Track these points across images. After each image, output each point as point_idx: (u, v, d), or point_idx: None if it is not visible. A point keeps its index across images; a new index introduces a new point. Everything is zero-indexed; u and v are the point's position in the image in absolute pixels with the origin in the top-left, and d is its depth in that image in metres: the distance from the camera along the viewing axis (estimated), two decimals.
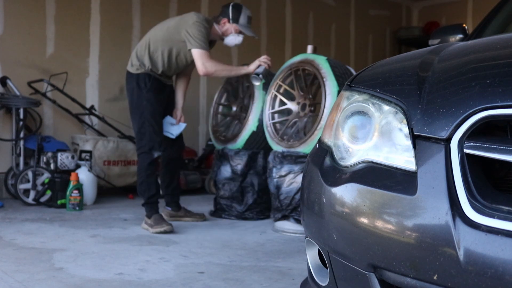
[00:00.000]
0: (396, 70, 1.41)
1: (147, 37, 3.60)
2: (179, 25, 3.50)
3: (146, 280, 2.28)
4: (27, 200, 4.35)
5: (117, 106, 5.42)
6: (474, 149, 1.04)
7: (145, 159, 3.48)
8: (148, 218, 3.44)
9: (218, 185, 4.07)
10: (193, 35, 3.42)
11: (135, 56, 3.57)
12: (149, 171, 3.49)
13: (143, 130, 3.49)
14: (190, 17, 3.50)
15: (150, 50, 3.52)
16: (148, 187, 3.48)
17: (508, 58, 1.18)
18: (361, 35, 8.20)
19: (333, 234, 1.24)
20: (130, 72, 3.57)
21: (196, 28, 3.43)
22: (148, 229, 3.38)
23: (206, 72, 3.49)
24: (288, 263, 2.64)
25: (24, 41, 4.90)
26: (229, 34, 3.66)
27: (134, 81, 3.52)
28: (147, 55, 3.51)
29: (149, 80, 3.51)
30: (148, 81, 3.50)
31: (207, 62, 3.45)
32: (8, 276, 2.28)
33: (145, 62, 3.51)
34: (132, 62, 3.58)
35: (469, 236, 0.98)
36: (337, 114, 1.40)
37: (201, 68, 3.46)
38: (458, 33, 2.25)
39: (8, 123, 4.74)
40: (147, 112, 3.48)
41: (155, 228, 3.34)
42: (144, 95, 3.49)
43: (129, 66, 3.60)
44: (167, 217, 3.67)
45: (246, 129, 3.91)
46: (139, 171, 3.52)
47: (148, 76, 3.51)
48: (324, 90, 3.37)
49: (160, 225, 3.35)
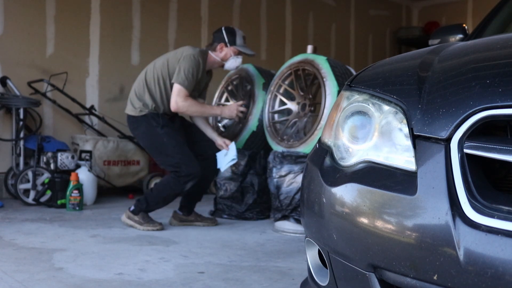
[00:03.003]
0: (396, 70, 1.41)
1: (143, 75, 3.54)
2: (174, 59, 3.46)
3: (146, 280, 2.28)
4: (27, 200, 4.35)
5: (117, 106, 5.42)
6: (474, 149, 1.04)
7: (178, 186, 3.40)
8: (135, 214, 3.42)
9: (218, 185, 4.07)
10: (183, 69, 3.38)
11: (134, 97, 3.49)
12: (172, 197, 3.48)
13: (177, 165, 3.38)
14: (185, 50, 3.46)
15: (148, 87, 3.46)
16: (159, 203, 3.47)
17: (508, 58, 1.18)
18: (361, 35, 8.20)
19: (333, 234, 1.24)
20: (134, 115, 3.48)
21: (188, 62, 3.39)
22: (136, 226, 3.39)
23: (177, 109, 3.42)
24: (288, 263, 2.64)
25: (24, 41, 4.91)
26: (229, 58, 3.59)
27: (143, 123, 3.44)
28: (147, 93, 3.45)
29: (158, 117, 3.44)
30: (158, 118, 3.43)
31: (181, 100, 3.37)
32: (8, 276, 2.28)
33: (147, 102, 3.44)
34: (133, 105, 3.48)
35: (469, 236, 0.98)
36: (337, 114, 1.39)
37: (173, 105, 3.40)
38: (458, 33, 2.25)
39: (8, 123, 4.74)
40: (172, 146, 3.40)
41: (146, 226, 3.36)
42: (160, 133, 3.41)
43: (131, 110, 3.50)
44: (177, 221, 3.61)
45: (246, 129, 3.91)
46: (165, 189, 3.44)
47: (155, 114, 3.44)
48: (324, 90, 3.37)
49: (153, 225, 3.39)
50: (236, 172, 3.94)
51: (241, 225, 3.73)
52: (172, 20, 5.97)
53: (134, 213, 3.44)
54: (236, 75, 4.16)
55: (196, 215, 3.68)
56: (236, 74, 4.16)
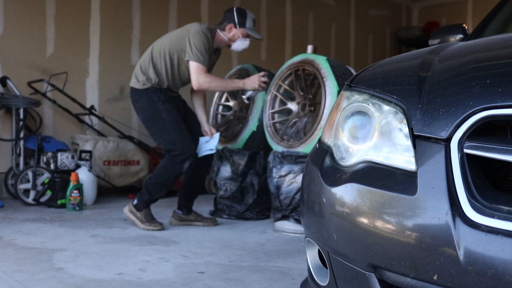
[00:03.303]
0: (396, 70, 1.41)
1: (149, 50, 3.55)
2: (181, 35, 3.46)
3: (146, 280, 2.28)
4: (27, 200, 4.35)
5: (117, 106, 5.42)
6: (474, 149, 1.04)
7: (175, 169, 3.38)
8: (138, 210, 3.41)
9: (218, 185, 4.07)
10: (194, 45, 3.37)
11: (139, 71, 3.50)
12: (172, 180, 3.44)
13: (173, 142, 3.37)
14: (192, 26, 3.46)
15: (153, 62, 3.47)
16: (160, 190, 3.43)
17: (508, 58, 1.18)
18: (361, 35, 8.20)
19: (333, 234, 1.24)
20: (137, 88, 3.48)
21: (199, 38, 3.38)
22: (137, 222, 3.38)
23: (199, 87, 3.43)
24: (288, 263, 2.64)
25: (24, 41, 4.91)
26: (237, 40, 3.59)
27: (144, 97, 3.44)
28: (152, 67, 3.45)
29: (160, 92, 3.44)
30: (160, 93, 3.43)
31: (202, 77, 3.39)
32: (8, 276, 2.28)
33: (151, 76, 3.44)
34: (137, 78, 3.49)
35: (469, 236, 0.98)
36: (337, 114, 1.40)
37: (195, 83, 3.42)
38: (458, 33, 2.25)
39: (8, 123, 4.74)
40: (170, 123, 3.39)
41: (147, 226, 3.36)
42: (160, 108, 3.40)
43: (134, 83, 3.51)
44: (177, 221, 3.60)
45: (246, 129, 3.91)
46: (163, 173, 3.41)
47: (157, 89, 3.45)
48: (324, 90, 3.37)
49: (154, 225, 3.37)
50: (236, 172, 3.94)
51: (241, 225, 3.73)
52: (172, 20, 5.97)
53: (137, 209, 3.42)
54: (236, 75, 4.16)
55: (196, 214, 3.68)
56: (236, 74, 4.16)
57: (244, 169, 3.93)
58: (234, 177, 3.96)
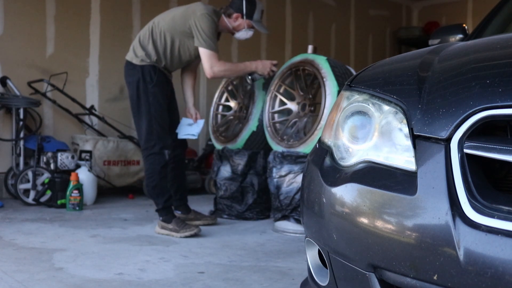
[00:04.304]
0: (396, 70, 1.41)
1: (150, 24, 3.41)
2: (185, 15, 3.31)
3: (146, 280, 2.28)
4: (27, 200, 4.35)
5: (117, 106, 5.42)
6: (474, 149, 1.04)
7: (157, 161, 3.26)
8: (168, 223, 3.24)
9: (218, 185, 4.07)
10: (203, 31, 3.24)
11: (138, 45, 3.34)
12: (163, 174, 3.29)
13: (150, 129, 3.25)
14: (198, 8, 3.30)
15: (153, 38, 3.33)
16: (162, 190, 3.30)
17: (508, 58, 1.18)
18: (361, 35, 8.20)
19: (333, 234, 1.24)
20: (133, 63, 3.32)
21: (206, 22, 3.25)
22: (173, 234, 3.20)
23: (213, 76, 3.34)
24: (288, 263, 2.64)
25: (24, 41, 4.90)
26: (241, 29, 3.50)
27: (138, 73, 3.29)
28: (151, 44, 3.32)
29: (154, 73, 3.28)
30: (154, 74, 3.28)
31: (216, 65, 3.29)
32: (8, 276, 2.28)
33: (150, 52, 3.30)
34: (135, 52, 3.33)
35: (469, 236, 0.98)
36: (337, 114, 1.40)
37: (209, 72, 3.30)
38: (458, 33, 2.25)
39: (8, 123, 4.74)
40: (154, 109, 3.26)
41: (183, 233, 3.19)
42: (149, 90, 3.27)
43: (132, 57, 3.34)
44: None
45: (246, 129, 3.91)
46: (151, 173, 3.29)
47: (153, 68, 3.29)
48: (324, 90, 3.37)
49: (189, 229, 3.20)
50: (236, 172, 3.94)
51: (241, 225, 3.73)
52: None
53: (166, 222, 3.26)
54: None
55: (195, 213, 3.67)
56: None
57: (244, 169, 3.93)
58: (234, 177, 3.96)
